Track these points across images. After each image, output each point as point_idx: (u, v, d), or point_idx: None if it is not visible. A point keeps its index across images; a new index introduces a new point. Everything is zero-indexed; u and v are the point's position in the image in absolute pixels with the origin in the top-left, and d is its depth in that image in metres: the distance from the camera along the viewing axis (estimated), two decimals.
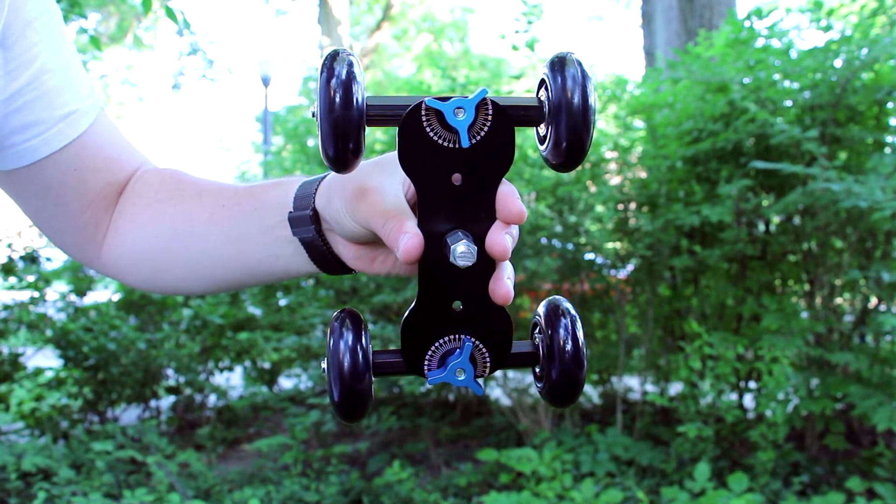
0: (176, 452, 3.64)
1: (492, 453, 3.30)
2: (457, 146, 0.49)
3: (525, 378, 4.09)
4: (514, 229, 0.50)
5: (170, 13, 2.93)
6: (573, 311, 0.52)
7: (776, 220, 3.61)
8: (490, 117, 0.49)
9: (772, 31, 3.48)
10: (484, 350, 0.52)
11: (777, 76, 3.36)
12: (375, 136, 4.85)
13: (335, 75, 0.46)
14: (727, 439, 3.42)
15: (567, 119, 0.47)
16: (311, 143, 5.21)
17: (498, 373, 4.10)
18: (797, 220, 3.51)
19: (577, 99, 0.47)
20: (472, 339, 0.51)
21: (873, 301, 3.52)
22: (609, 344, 4.06)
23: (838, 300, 3.52)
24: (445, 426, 4.14)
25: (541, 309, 0.53)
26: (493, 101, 0.49)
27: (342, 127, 0.46)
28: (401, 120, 0.48)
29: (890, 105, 3.35)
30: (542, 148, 0.50)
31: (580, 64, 0.48)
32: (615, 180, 3.90)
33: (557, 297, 0.54)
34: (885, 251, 3.38)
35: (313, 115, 0.48)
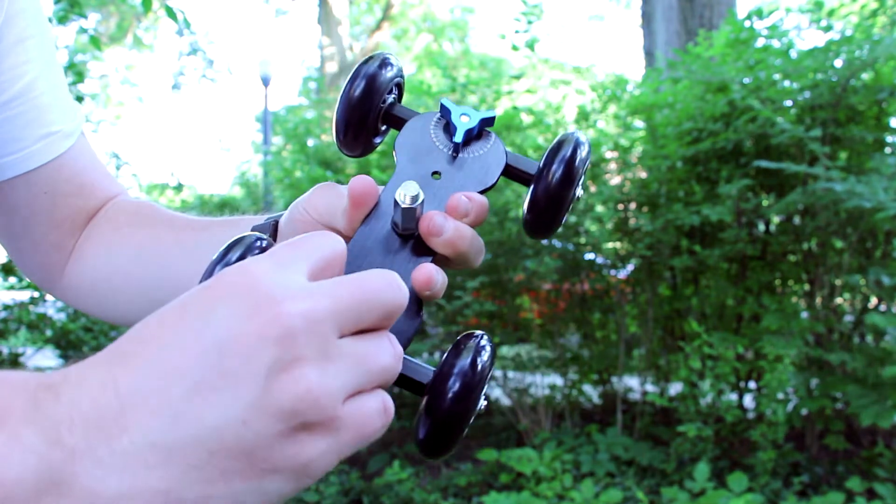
0: None
1: (492, 453, 3.30)
2: (445, 148, 0.51)
3: (525, 378, 4.09)
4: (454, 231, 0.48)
5: (170, 13, 2.93)
6: (482, 347, 0.44)
7: (776, 220, 3.61)
8: (491, 141, 0.52)
9: (772, 31, 3.48)
10: None
11: (777, 76, 3.36)
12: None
13: (369, 65, 0.53)
14: (727, 439, 3.42)
15: (544, 191, 0.49)
16: (310, 142, 5.21)
17: (498, 373, 4.10)
18: (797, 220, 3.51)
19: (557, 176, 0.48)
20: None
21: (873, 301, 3.53)
22: (609, 344, 4.06)
23: (838, 300, 3.52)
24: None
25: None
26: (496, 136, 0.52)
27: (356, 105, 0.51)
28: (414, 116, 0.53)
29: (890, 105, 3.35)
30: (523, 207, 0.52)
31: (577, 148, 0.49)
32: (615, 180, 3.91)
33: (479, 332, 0.46)
34: (886, 251, 3.38)
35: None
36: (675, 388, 3.70)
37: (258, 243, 0.44)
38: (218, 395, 0.32)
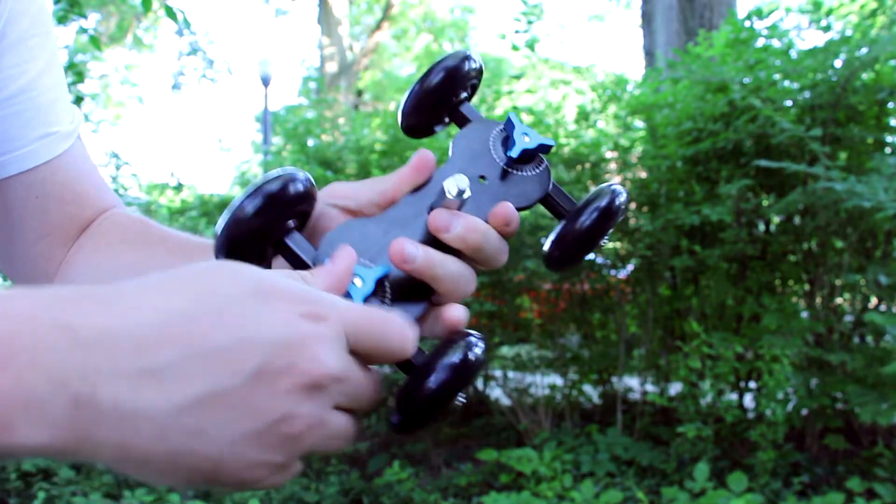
0: None
1: (492, 453, 3.30)
2: (499, 158, 0.53)
3: (525, 378, 4.09)
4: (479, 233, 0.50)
5: (170, 13, 2.93)
6: (473, 345, 0.45)
7: (776, 220, 3.61)
8: (542, 166, 0.54)
9: (772, 31, 3.48)
10: (387, 295, 0.48)
11: (777, 76, 3.36)
12: (376, 135, 4.85)
13: (449, 59, 0.54)
14: (727, 439, 3.41)
15: (572, 233, 0.51)
16: (310, 142, 5.21)
17: (498, 373, 4.10)
18: (797, 220, 3.51)
19: (588, 224, 0.50)
20: (387, 280, 0.48)
21: (873, 301, 3.52)
22: (609, 344, 4.06)
23: (838, 300, 3.52)
24: (445, 426, 4.14)
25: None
26: (548, 164, 0.54)
27: (428, 93, 0.53)
28: (479, 119, 0.55)
29: (890, 105, 3.35)
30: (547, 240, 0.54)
31: (614, 201, 0.51)
32: (615, 180, 3.91)
33: (476, 335, 0.47)
34: (886, 251, 3.38)
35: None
36: (675, 388, 3.70)
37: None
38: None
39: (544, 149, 0.53)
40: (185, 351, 0.34)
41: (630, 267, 3.86)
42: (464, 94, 0.56)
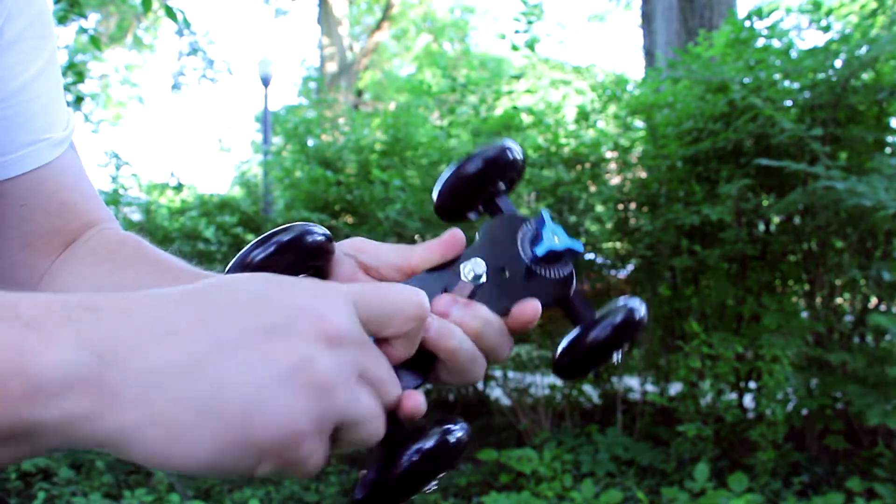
0: None
1: (492, 453, 3.31)
2: (524, 255, 0.52)
3: (525, 378, 4.09)
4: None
5: (169, 13, 2.93)
6: (451, 432, 0.44)
7: (776, 219, 3.61)
8: (567, 270, 0.53)
9: (772, 31, 3.48)
10: None
11: (777, 76, 3.36)
12: (376, 135, 4.85)
13: (489, 150, 0.54)
14: (727, 439, 3.41)
15: (584, 342, 0.50)
16: (310, 142, 5.21)
17: (498, 373, 4.10)
18: (797, 219, 3.51)
19: (602, 336, 0.50)
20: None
21: (873, 301, 3.52)
22: None
23: (838, 300, 3.52)
24: None
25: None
26: (573, 270, 0.54)
27: (465, 180, 0.53)
28: (512, 212, 0.54)
29: (890, 104, 3.35)
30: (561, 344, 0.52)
31: (631, 317, 0.50)
32: (615, 180, 3.91)
33: (460, 423, 0.46)
34: (886, 251, 3.38)
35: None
36: (675, 388, 3.70)
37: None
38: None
39: (573, 253, 0.52)
40: (200, 312, 0.36)
41: (630, 267, 3.86)
42: (501, 186, 0.55)
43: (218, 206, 5.32)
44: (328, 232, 0.49)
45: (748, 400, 3.60)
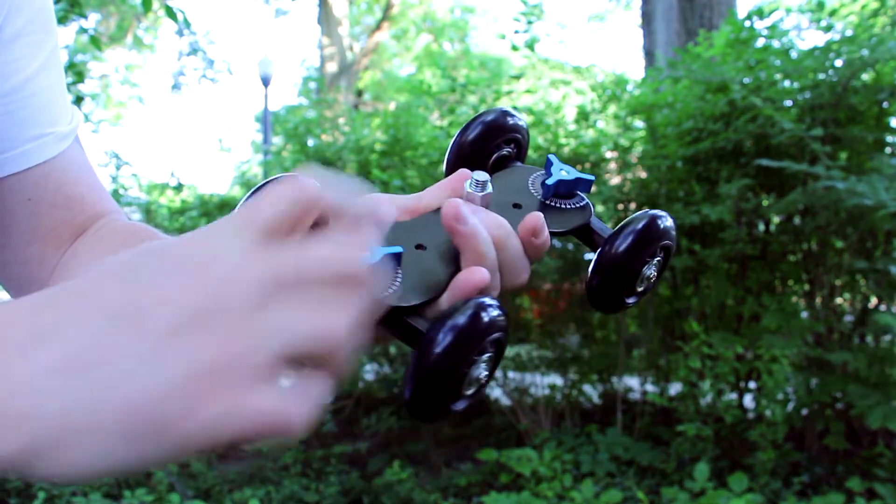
0: None
1: (492, 453, 3.30)
2: (536, 193, 0.53)
3: (525, 378, 4.09)
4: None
5: (170, 13, 2.93)
6: (486, 306, 0.40)
7: (776, 219, 3.61)
8: (583, 202, 0.53)
9: (772, 31, 3.48)
10: (398, 280, 0.44)
11: (777, 76, 3.36)
12: (376, 135, 4.85)
13: (487, 113, 0.55)
14: (727, 439, 3.41)
15: (605, 259, 0.48)
16: (310, 142, 5.22)
17: (498, 372, 4.09)
18: (797, 219, 3.51)
19: (622, 247, 0.47)
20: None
21: (873, 301, 3.52)
22: (609, 344, 4.06)
23: (838, 300, 3.52)
24: (445, 426, 4.14)
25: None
26: (590, 203, 0.53)
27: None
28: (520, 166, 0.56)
29: (890, 104, 3.35)
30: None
31: (651, 224, 0.48)
32: (615, 180, 3.91)
33: (490, 297, 0.42)
34: (886, 251, 3.38)
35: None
36: (675, 388, 3.70)
37: None
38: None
39: (583, 184, 0.52)
40: (74, 304, 0.31)
41: None
42: (506, 150, 0.56)
43: (218, 206, 5.32)
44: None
45: (748, 400, 3.60)
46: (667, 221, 0.49)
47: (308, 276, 0.32)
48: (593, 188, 3.76)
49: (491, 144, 0.55)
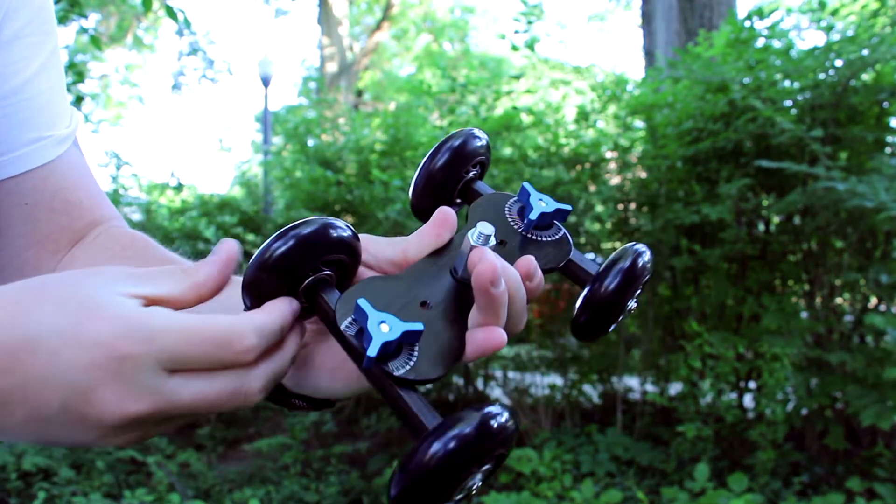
0: (176, 452, 3.64)
1: None
2: (517, 225, 0.53)
3: (525, 378, 4.09)
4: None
5: (170, 12, 2.93)
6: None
7: (776, 219, 3.61)
8: (560, 233, 0.53)
9: (772, 31, 3.48)
10: (414, 353, 0.44)
11: (777, 76, 3.36)
12: (376, 135, 4.85)
13: (455, 139, 0.55)
14: (727, 439, 3.41)
15: (597, 297, 0.49)
16: (310, 142, 5.21)
17: (498, 373, 4.10)
18: (797, 220, 3.51)
19: (613, 286, 0.49)
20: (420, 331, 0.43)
21: (873, 301, 3.52)
22: (609, 344, 4.06)
23: (838, 300, 3.52)
24: None
25: None
26: (566, 231, 0.54)
27: (435, 175, 0.54)
28: (492, 192, 0.55)
29: (890, 105, 3.34)
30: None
31: (637, 260, 0.50)
32: (615, 180, 3.90)
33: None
34: (886, 251, 3.38)
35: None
36: (675, 388, 3.70)
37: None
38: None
39: (561, 214, 0.53)
40: (5, 383, 0.38)
41: None
42: (472, 173, 0.56)
43: (218, 206, 5.32)
44: (352, 229, 0.47)
45: (748, 400, 3.60)
46: (647, 256, 0.51)
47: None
48: (593, 188, 3.77)
49: (460, 171, 0.55)
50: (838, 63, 3.19)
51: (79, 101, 3.20)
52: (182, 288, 0.43)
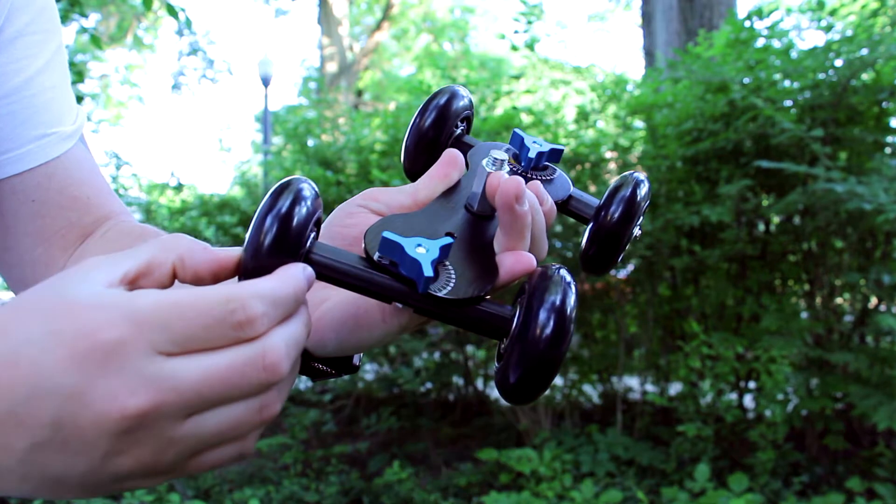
0: None
1: (492, 453, 3.30)
2: (516, 168, 0.54)
3: None
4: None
5: (171, 10, 2.93)
6: (566, 280, 0.43)
7: (776, 220, 3.61)
8: (556, 173, 0.55)
9: (772, 31, 3.48)
10: (451, 272, 0.44)
11: (777, 76, 3.36)
12: (376, 135, 4.85)
13: (439, 97, 0.56)
14: (727, 439, 3.41)
15: (603, 229, 0.51)
16: (310, 142, 5.21)
17: None
18: (797, 220, 3.51)
19: (616, 216, 0.51)
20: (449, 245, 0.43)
21: (873, 301, 3.52)
22: (609, 344, 4.06)
23: (838, 300, 3.52)
24: (445, 426, 4.14)
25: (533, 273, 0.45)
26: (561, 171, 0.56)
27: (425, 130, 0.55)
28: (482, 144, 0.57)
29: (890, 105, 3.34)
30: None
31: (637, 188, 0.51)
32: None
33: (554, 265, 0.45)
34: (886, 251, 3.38)
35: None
36: (675, 388, 3.70)
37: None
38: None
39: (556, 154, 0.54)
40: None
41: (630, 267, 3.86)
42: (461, 128, 0.58)
43: (218, 206, 5.32)
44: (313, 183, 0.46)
45: (748, 400, 3.60)
46: (647, 184, 0.53)
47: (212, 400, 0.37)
48: (593, 188, 3.77)
49: (449, 126, 0.56)
50: (838, 63, 3.19)
51: (79, 100, 3.20)
52: None
